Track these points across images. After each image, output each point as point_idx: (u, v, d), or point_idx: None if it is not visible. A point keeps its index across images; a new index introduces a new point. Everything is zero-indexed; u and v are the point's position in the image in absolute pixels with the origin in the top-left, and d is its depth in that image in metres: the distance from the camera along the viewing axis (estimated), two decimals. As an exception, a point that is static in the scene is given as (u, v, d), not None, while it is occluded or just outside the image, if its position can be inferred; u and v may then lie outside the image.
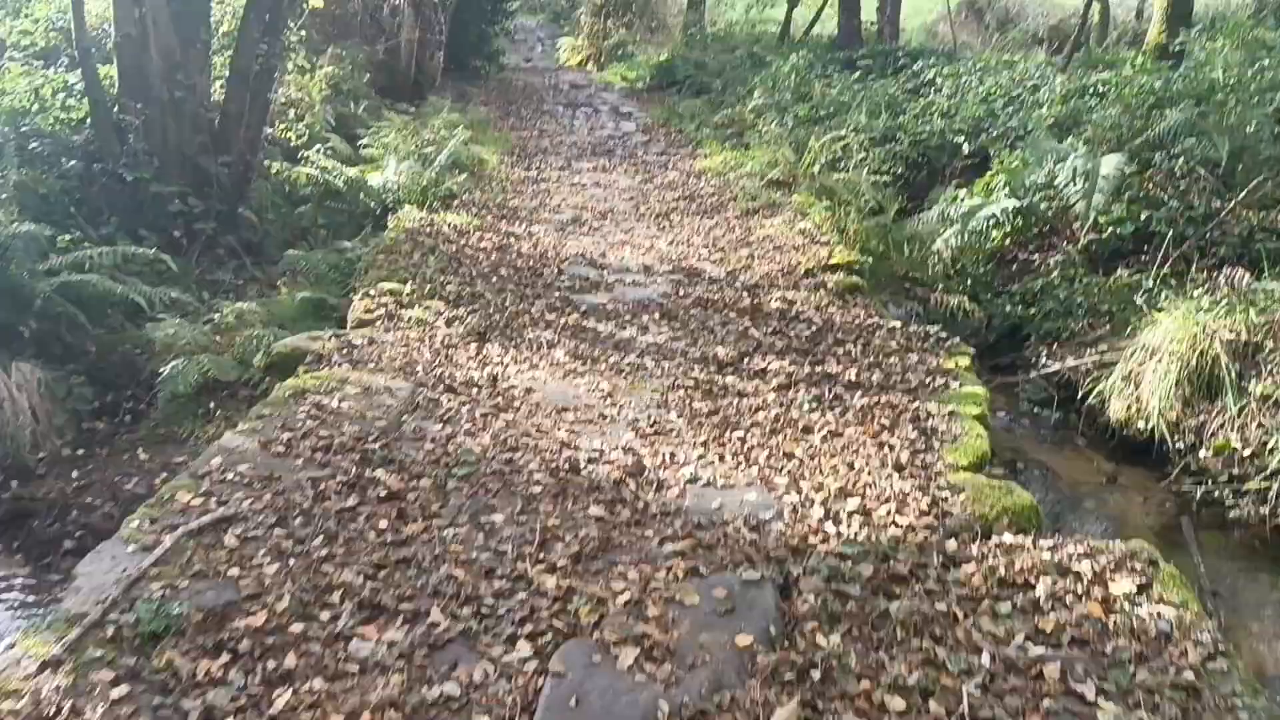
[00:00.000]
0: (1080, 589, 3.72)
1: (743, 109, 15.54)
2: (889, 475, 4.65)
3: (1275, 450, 6.59)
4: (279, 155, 11.02)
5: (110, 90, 9.80)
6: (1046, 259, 9.63)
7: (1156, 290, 8.45)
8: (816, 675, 3.23)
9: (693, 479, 4.68)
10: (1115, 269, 9.17)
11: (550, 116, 18.16)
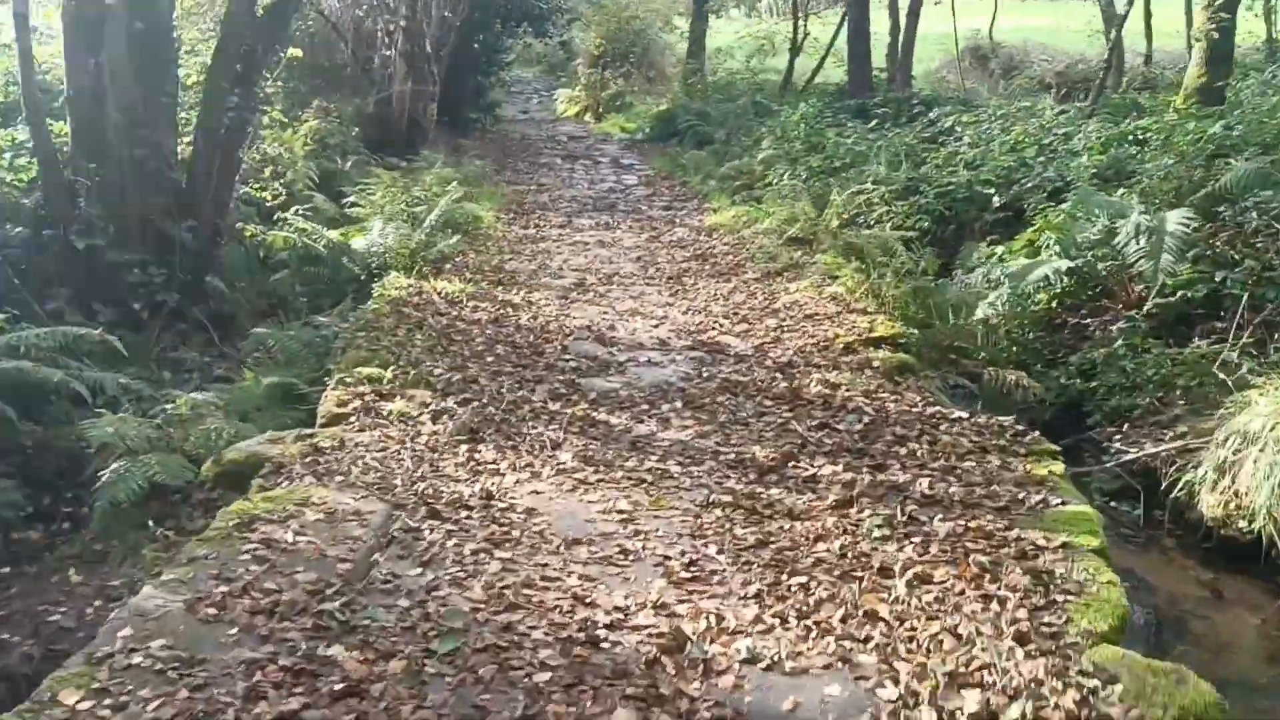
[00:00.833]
0: None
1: (750, 160, 14.44)
2: (1009, 650, 3.43)
3: None
4: (254, 217, 9.87)
5: (64, 148, 8.65)
6: (1102, 323, 8.46)
7: (1237, 362, 7.29)
8: None
9: (751, 657, 3.45)
10: (1184, 336, 8.01)
11: (548, 169, 17.06)
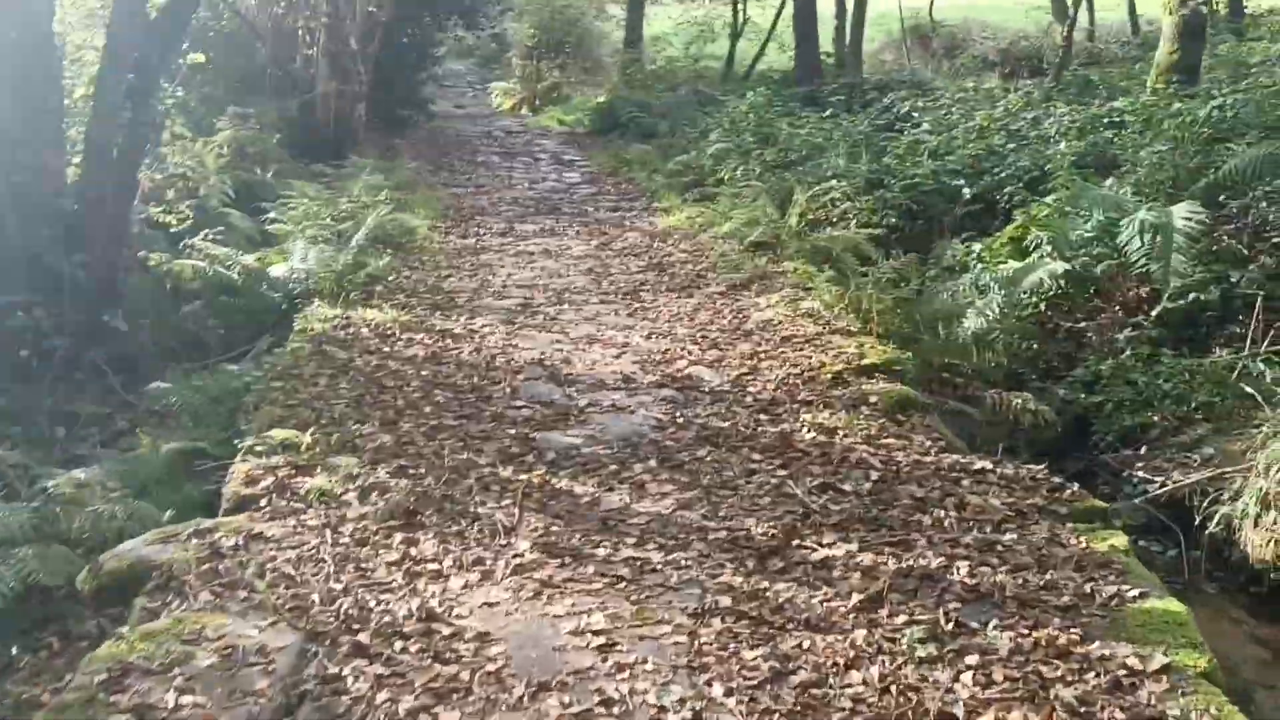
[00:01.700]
0: None
1: (699, 154, 13.40)
2: None
3: None
4: (160, 243, 8.64)
5: (-71, 177, 7.39)
6: (1099, 328, 7.57)
7: (1261, 373, 6.43)
8: None
9: None
10: (1196, 344, 7.14)
11: (486, 169, 15.87)
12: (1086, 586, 3.80)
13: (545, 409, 5.89)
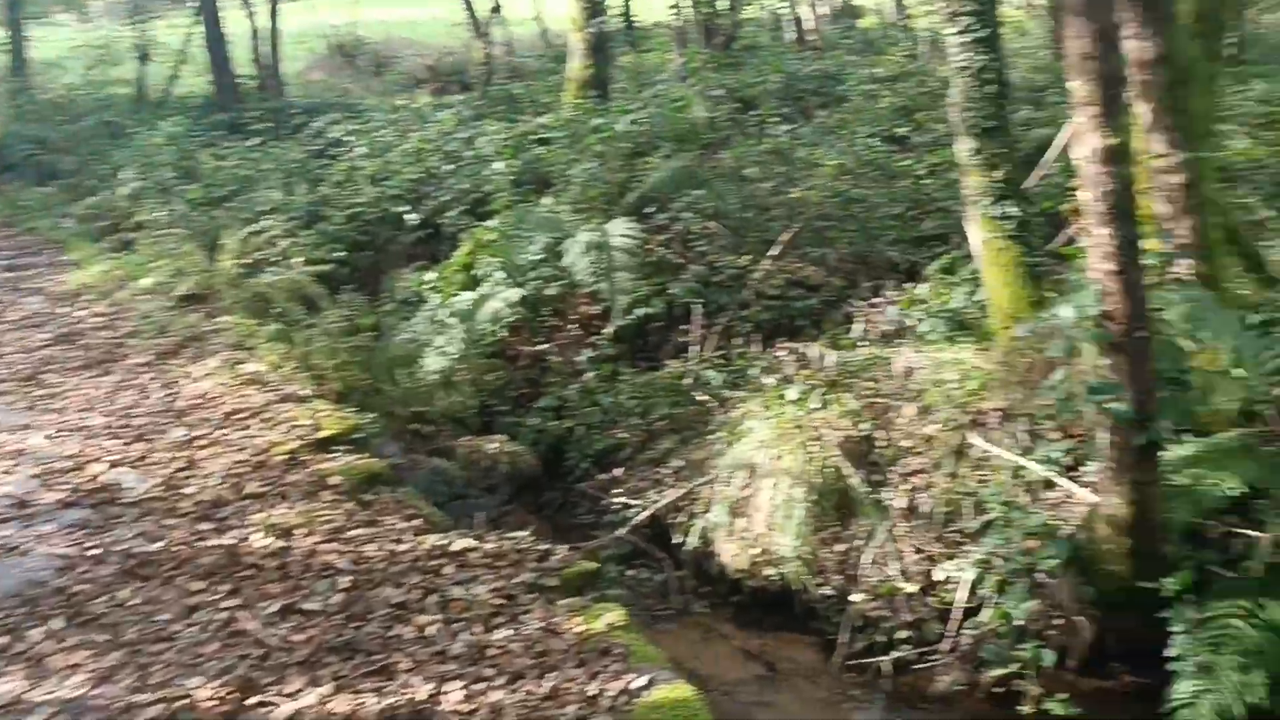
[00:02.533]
0: None
1: (114, 195, 11.55)
2: None
3: (960, 582, 4.85)
4: None
5: None
6: (562, 350, 7.37)
7: (703, 378, 6.53)
8: None
9: None
10: (651, 357, 7.15)
11: None
12: (592, 687, 3.32)
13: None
